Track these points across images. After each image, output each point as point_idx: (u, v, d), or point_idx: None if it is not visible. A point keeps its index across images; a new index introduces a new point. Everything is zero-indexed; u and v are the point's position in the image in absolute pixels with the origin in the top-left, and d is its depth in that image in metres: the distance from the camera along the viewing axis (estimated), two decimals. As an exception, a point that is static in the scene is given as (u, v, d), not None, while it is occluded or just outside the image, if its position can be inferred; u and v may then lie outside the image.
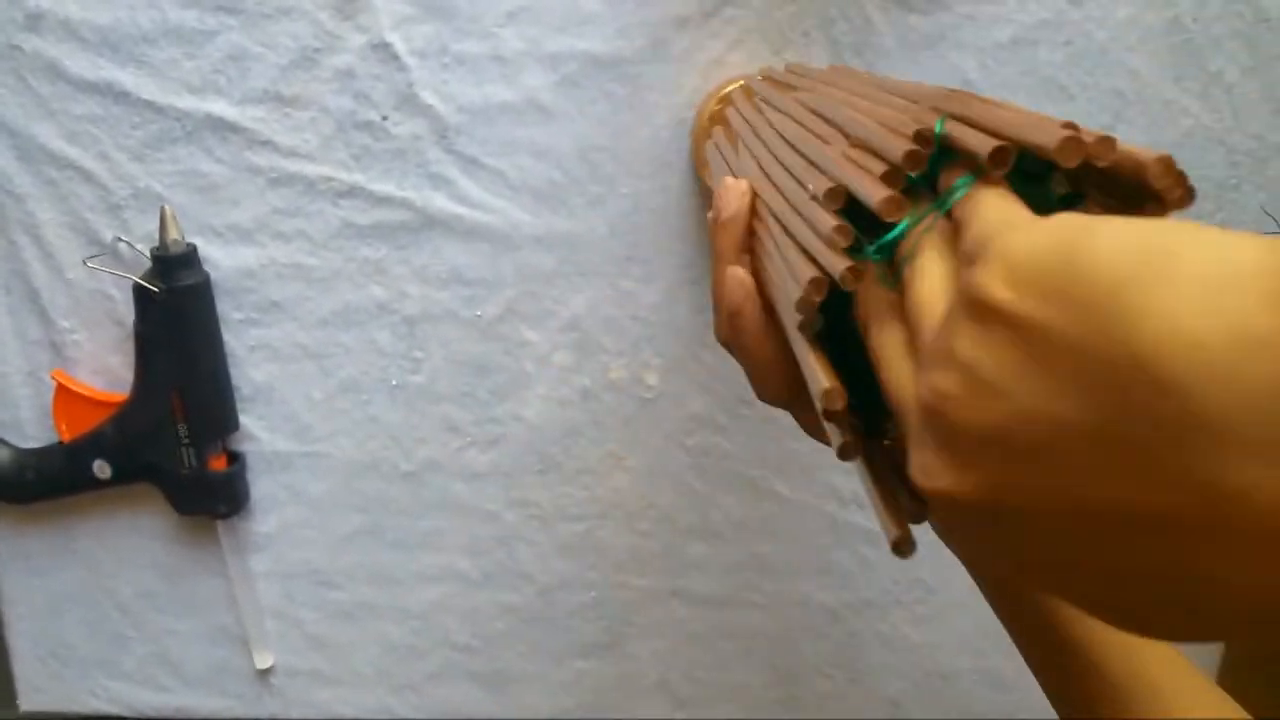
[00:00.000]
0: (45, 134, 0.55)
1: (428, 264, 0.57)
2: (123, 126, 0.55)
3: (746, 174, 0.39)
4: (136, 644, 0.66)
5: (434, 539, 0.63)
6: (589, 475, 0.62)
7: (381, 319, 0.58)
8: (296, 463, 0.62)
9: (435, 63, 0.54)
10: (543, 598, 0.65)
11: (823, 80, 0.41)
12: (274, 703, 0.68)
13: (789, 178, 0.34)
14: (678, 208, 0.56)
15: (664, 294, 0.58)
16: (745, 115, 0.45)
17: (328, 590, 0.65)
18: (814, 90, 0.39)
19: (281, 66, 0.54)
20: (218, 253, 0.57)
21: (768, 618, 0.65)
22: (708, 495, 0.62)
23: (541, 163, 0.55)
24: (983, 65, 0.53)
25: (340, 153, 0.55)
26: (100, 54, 0.54)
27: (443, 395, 0.60)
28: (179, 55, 0.54)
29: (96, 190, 0.56)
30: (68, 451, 0.60)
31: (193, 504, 0.61)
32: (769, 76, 0.48)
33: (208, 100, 0.54)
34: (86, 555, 0.64)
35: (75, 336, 0.59)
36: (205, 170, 0.56)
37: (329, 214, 0.56)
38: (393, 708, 0.68)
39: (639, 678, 0.67)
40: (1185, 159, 0.54)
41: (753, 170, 0.38)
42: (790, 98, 0.40)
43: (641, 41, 0.53)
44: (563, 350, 0.59)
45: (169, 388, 0.57)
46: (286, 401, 0.60)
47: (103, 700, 0.68)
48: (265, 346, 0.59)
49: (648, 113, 0.54)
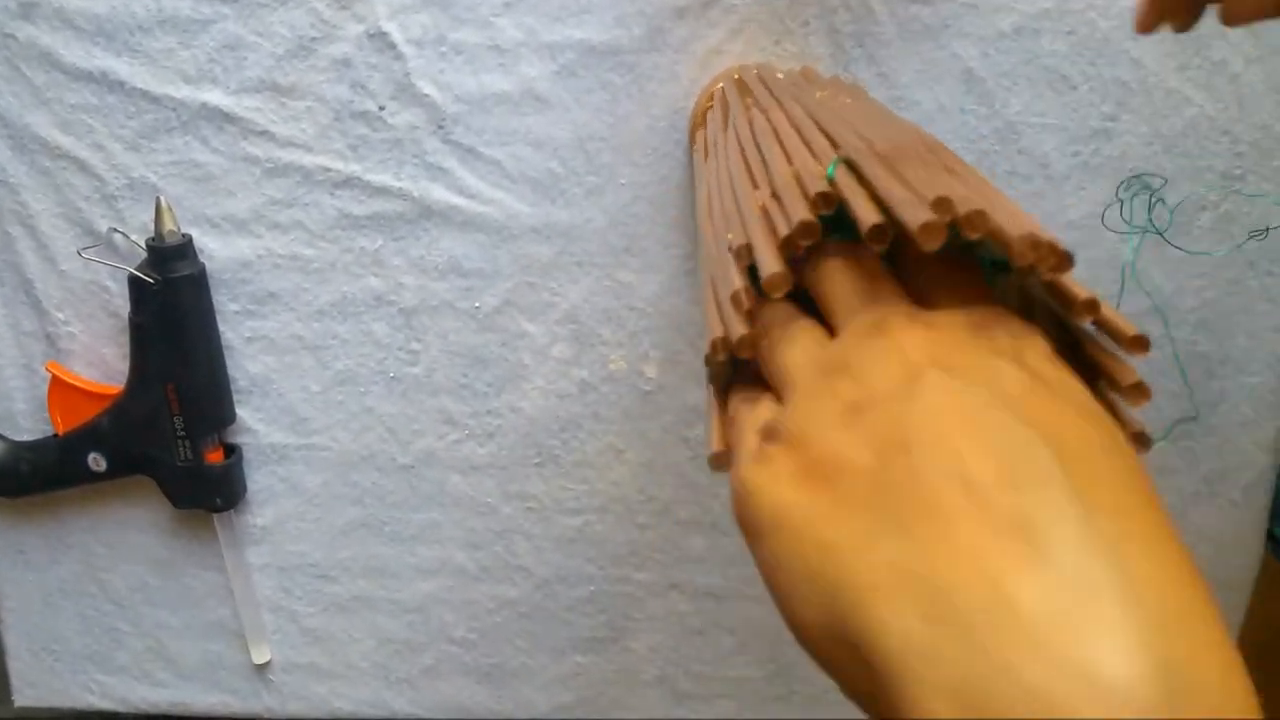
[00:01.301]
0: (39, 123, 0.55)
1: (425, 255, 0.58)
2: (118, 116, 0.55)
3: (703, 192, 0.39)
4: (132, 638, 0.67)
5: (431, 532, 0.64)
6: (587, 468, 0.62)
7: (378, 310, 0.59)
8: (293, 455, 0.62)
9: (432, 52, 0.54)
10: (541, 591, 0.65)
11: (794, 95, 0.41)
12: (270, 697, 0.68)
13: (723, 216, 0.34)
14: (676, 198, 0.57)
15: (663, 285, 0.58)
16: (717, 122, 0.45)
17: (324, 584, 0.65)
18: (770, 111, 0.39)
19: (278, 56, 0.54)
20: (213, 243, 0.58)
21: (769, 611, 0.65)
22: (708, 488, 0.63)
23: (539, 153, 0.56)
24: (985, 55, 0.54)
25: (337, 143, 0.56)
26: (95, 43, 0.54)
27: (440, 387, 0.61)
28: (174, 44, 0.54)
29: (91, 180, 0.56)
30: (62, 444, 0.60)
31: (188, 497, 0.61)
32: (757, 76, 0.48)
33: (203, 90, 0.55)
34: (81, 549, 0.65)
35: (70, 328, 0.60)
36: (201, 160, 0.56)
37: (325, 204, 0.57)
38: (389, 702, 0.68)
39: (638, 672, 0.67)
40: (1189, 149, 0.55)
41: (702, 196, 0.38)
42: (746, 117, 0.40)
43: (639, 31, 0.54)
44: (561, 342, 0.60)
45: (164, 380, 0.58)
46: (283, 394, 0.61)
47: (97, 695, 0.69)
48: (261, 338, 0.60)
49: (646, 102, 0.55)
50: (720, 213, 0.34)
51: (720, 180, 0.37)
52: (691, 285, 0.58)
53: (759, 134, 0.36)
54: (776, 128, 0.36)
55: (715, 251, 0.33)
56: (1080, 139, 0.55)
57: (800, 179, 0.29)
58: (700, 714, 0.68)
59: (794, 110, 0.38)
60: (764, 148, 0.35)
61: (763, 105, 0.41)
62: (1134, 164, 0.55)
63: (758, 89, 0.45)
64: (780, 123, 0.36)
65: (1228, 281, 0.57)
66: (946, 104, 0.54)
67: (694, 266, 0.58)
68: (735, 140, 0.38)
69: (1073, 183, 0.56)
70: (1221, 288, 0.58)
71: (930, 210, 0.24)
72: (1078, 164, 0.55)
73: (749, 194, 0.32)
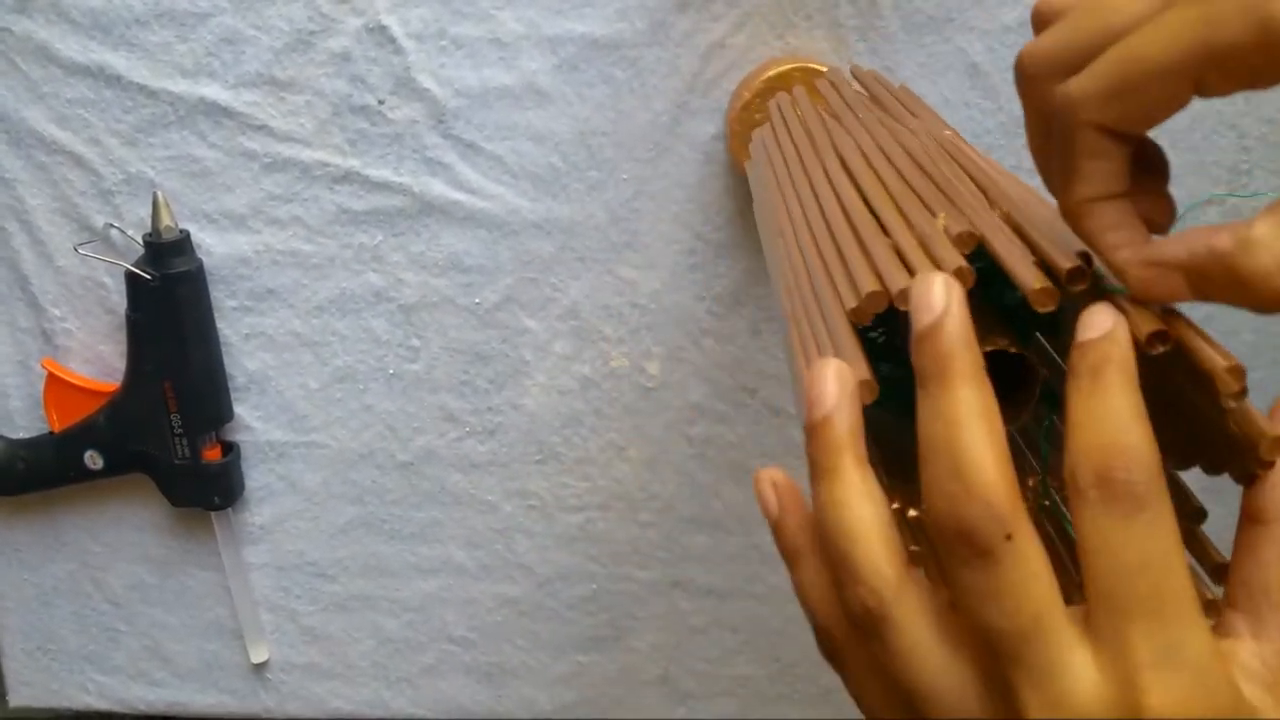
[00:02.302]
0: (35, 118, 0.56)
1: (425, 251, 0.58)
2: (114, 110, 0.55)
3: (793, 197, 0.37)
4: (128, 638, 0.67)
5: (431, 530, 0.64)
6: (589, 465, 0.63)
7: (378, 307, 0.59)
8: (291, 453, 0.63)
9: (432, 46, 0.54)
10: (542, 590, 0.66)
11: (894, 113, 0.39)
12: (268, 697, 0.68)
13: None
14: (679, 193, 0.57)
15: (665, 281, 0.59)
16: (809, 127, 0.42)
17: (323, 583, 0.65)
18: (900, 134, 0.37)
19: (276, 50, 0.54)
20: (211, 239, 0.58)
21: (772, 610, 0.66)
22: (710, 485, 0.63)
23: (540, 148, 0.56)
24: (989, 49, 0.54)
25: (336, 137, 0.56)
26: (91, 36, 0.54)
27: (440, 384, 0.61)
28: (171, 38, 0.54)
29: (88, 175, 0.57)
30: (58, 442, 0.60)
31: (186, 495, 0.62)
32: (837, 85, 0.46)
33: (201, 84, 0.55)
34: (77, 547, 0.65)
35: (66, 325, 0.60)
36: (199, 155, 0.56)
37: (324, 200, 0.57)
38: (389, 702, 0.68)
39: (640, 671, 0.67)
40: (1195, 144, 0.55)
41: (803, 198, 0.36)
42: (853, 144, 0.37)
43: (642, 24, 0.54)
44: (562, 338, 0.60)
45: (162, 377, 0.58)
46: (281, 391, 0.61)
47: (93, 695, 0.69)
48: (260, 335, 0.60)
49: (648, 96, 0.55)
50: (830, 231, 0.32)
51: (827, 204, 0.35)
52: (694, 281, 0.59)
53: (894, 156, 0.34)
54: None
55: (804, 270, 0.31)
56: (1086, 133, 0.55)
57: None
58: (702, 713, 0.69)
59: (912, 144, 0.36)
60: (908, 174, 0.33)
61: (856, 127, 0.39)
62: (1140, 159, 0.55)
63: (865, 98, 0.43)
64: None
65: (1234, 277, 0.58)
66: (951, 98, 0.55)
67: (696, 262, 0.58)
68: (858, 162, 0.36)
69: (1078, 177, 0.56)
70: (1228, 283, 0.58)
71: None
72: (1083, 159, 0.55)
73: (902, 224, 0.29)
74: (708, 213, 0.57)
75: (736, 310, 0.59)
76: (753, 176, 0.49)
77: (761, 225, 0.44)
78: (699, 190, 0.57)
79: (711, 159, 0.56)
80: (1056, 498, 0.30)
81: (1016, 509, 0.21)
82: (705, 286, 0.59)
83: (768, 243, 0.41)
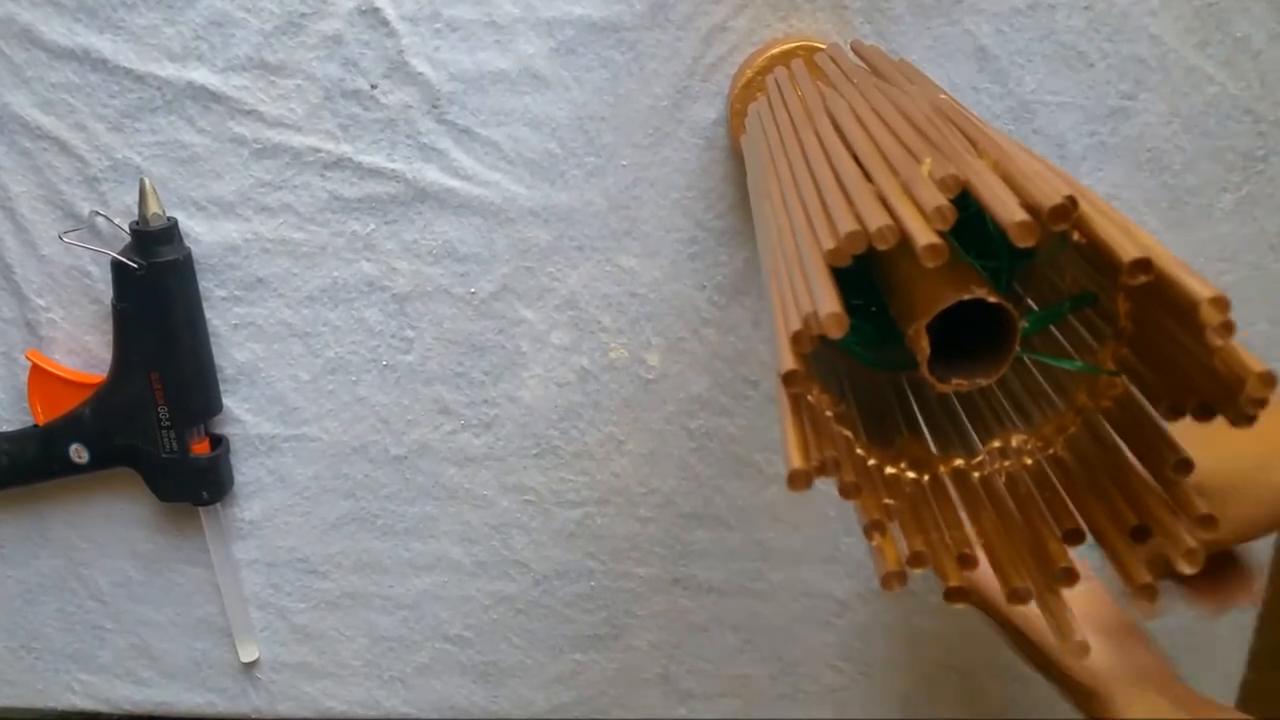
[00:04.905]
0: (19, 103, 0.56)
1: (419, 239, 0.58)
2: (100, 95, 0.56)
3: (786, 165, 0.37)
4: (114, 636, 0.68)
5: (425, 526, 0.65)
6: (587, 459, 0.63)
7: (371, 296, 0.60)
8: (282, 446, 0.63)
9: (426, 29, 0.55)
10: (539, 587, 0.66)
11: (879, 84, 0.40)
12: (258, 697, 0.69)
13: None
14: (679, 180, 0.57)
15: (665, 270, 0.59)
16: (804, 93, 0.43)
17: (314, 579, 0.66)
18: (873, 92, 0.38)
19: (266, 32, 0.55)
20: (199, 227, 0.58)
21: (773, 607, 0.66)
22: (711, 480, 0.63)
23: (537, 133, 0.57)
24: (998, 31, 0.54)
25: (327, 123, 0.56)
26: (77, 19, 0.55)
27: (434, 376, 0.61)
28: (159, 21, 0.55)
29: (73, 162, 0.57)
30: (43, 435, 0.61)
31: (174, 490, 0.62)
32: (835, 58, 0.47)
33: (189, 68, 0.55)
34: (62, 543, 0.66)
35: (51, 315, 0.60)
36: (186, 141, 0.57)
37: (315, 186, 0.57)
38: (382, 702, 0.69)
39: (639, 670, 0.68)
40: (1210, 129, 0.55)
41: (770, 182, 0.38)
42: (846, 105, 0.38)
43: (641, 6, 0.54)
44: (560, 329, 0.60)
45: (149, 368, 0.59)
46: (271, 382, 0.62)
47: (79, 695, 0.70)
48: (249, 325, 0.60)
49: (647, 81, 0.55)
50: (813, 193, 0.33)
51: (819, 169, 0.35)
52: (694, 270, 0.59)
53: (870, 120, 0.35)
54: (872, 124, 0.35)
55: (781, 239, 0.32)
56: (1097, 118, 0.56)
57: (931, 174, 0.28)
58: (703, 713, 0.69)
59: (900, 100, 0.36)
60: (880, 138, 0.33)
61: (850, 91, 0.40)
62: (1152, 144, 0.56)
63: (858, 66, 0.44)
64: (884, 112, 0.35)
65: (1249, 265, 0.58)
66: (959, 82, 0.55)
67: (697, 251, 0.59)
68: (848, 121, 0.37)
69: (1090, 163, 0.56)
70: (1243, 271, 0.58)
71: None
72: (1094, 144, 0.56)
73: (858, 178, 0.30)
74: (709, 200, 0.58)
75: (738, 300, 0.59)
76: (747, 149, 0.50)
77: (753, 190, 0.45)
78: (700, 177, 0.57)
79: (713, 145, 0.56)
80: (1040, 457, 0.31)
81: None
82: (706, 275, 0.59)
83: (757, 207, 0.42)
